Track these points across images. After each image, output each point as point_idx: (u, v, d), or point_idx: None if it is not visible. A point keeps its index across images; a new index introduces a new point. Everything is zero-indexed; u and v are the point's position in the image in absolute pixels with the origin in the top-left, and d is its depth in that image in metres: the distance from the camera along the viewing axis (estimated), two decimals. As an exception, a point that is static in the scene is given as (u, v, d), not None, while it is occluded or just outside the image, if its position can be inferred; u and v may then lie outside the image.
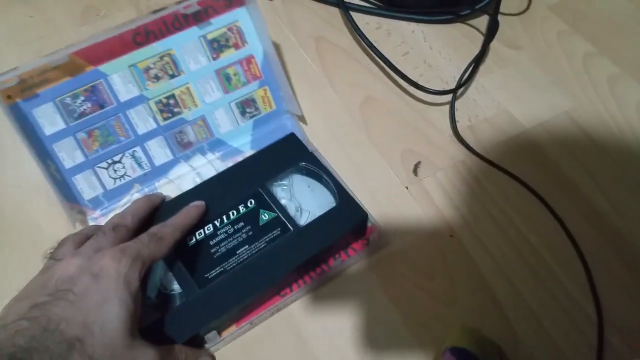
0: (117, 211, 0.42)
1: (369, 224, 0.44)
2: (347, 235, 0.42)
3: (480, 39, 0.57)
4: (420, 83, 0.51)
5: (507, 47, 0.57)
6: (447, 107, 0.52)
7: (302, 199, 0.45)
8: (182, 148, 0.46)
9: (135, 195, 0.45)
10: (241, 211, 0.42)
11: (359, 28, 0.54)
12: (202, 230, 0.41)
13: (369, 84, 0.54)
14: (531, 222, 0.45)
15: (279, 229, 0.42)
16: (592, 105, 0.52)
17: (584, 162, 0.48)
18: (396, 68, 0.52)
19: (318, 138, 0.50)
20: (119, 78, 0.42)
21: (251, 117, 0.48)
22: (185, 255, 0.40)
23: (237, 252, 0.40)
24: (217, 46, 0.45)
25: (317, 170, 0.45)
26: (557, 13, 0.60)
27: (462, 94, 0.53)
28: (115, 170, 0.44)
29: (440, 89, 0.51)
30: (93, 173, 0.44)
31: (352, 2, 0.60)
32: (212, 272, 0.39)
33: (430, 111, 0.52)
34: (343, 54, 0.56)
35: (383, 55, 0.52)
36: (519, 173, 0.47)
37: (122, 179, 0.45)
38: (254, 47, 0.46)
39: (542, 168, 0.48)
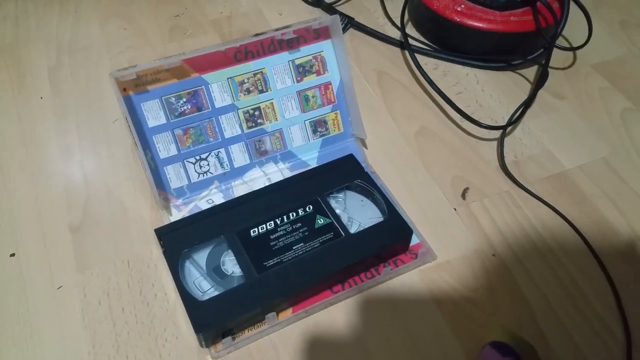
0: (197, 202, 0.48)
1: (418, 241, 0.49)
2: (392, 247, 0.47)
3: (527, 87, 0.63)
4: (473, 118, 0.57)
5: (553, 96, 0.62)
6: (496, 142, 0.57)
7: (354, 212, 0.50)
8: (259, 155, 0.52)
9: (213, 190, 0.51)
10: (300, 214, 0.48)
11: (420, 66, 0.60)
12: (264, 225, 0.47)
13: (424, 116, 0.60)
14: (566, 250, 0.49)
15: (332, 233, 0.47)
16: (627, 154, 0.57)
17: (616, 201, 0.53)
18: (452, 102, 0.58)
19: (377, 160, 0.55)
20: (217, 87, 0.49)
21: (321, 136, 0.54)
22: (249, 244, 0.46)
23: (294, 247, 0.46)
24: (302, 70, 0.51)
25: (370, 188, 0.51)
26: (599, 71, 0.65)
27: (509, 132, 0.59)
28: (201, 166, 0.50)
29: (491, 125, 0.57)
30: (182, 166, 0.49)
31: (414, 44, 0.66)
32: (270, 261, 0.45)
33: (480, 145, 0.57)
34: (402, 88, 0.63)
35: (440, 90, 0.58)
36: (557, 205, 0.52)
37: (205, 174, 0.51)
38: (333, 75, 0.53)
39: (578, 204, 0.53)
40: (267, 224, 0.47)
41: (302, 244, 0.46)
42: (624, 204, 0.53)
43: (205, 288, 0.45)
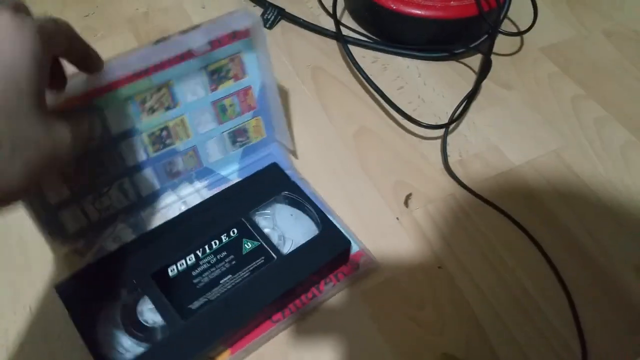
0: (103, 243, 0.43)
1: (357, 249, 0.45)
2: (331, 262, 0.42)
3: (473, 77, 0.59)
4: (414, 117, 0.52)
5: (499, 86, 0.58)
6: (439, 141, 0.53)
7: (286, 228, 0.45)
8: (170, 177, 0.46)
9: (119, 225, 0.44)
10: (224, 241, 0.42)
11: (356, 61, 0.56)
12: (183, 261, 0.41)
13: (363, 115, 0.55)
14: (518, 256, 0.46)
15: (263, 257, 0.42)
16: (580, 146, 0.54)
17: (569, 199, 0.49)
18: (391, 101, 0.53)
19: (312, 166, 0.51)
20: (113, 112, 0.40)
21: (241, 146, 0.48)
22: (167, 286, 0.40)
23: (221, 281, 0.40)
24: (216, 78, 0.44)
25: (300, 199, 0.45)
26: (548, 55, 0.62)
27: (453, 129, 0.54)
28: (101, 202, 0.43)
29: (433, 123, 0.53)
30: (78, 207, 0.42)
31: (349, 35, 0.61)
32: (195, 302, 0.39)
33: (423, 144, 0.53)
34: (339, 84, 0.58)
35: (379, 88, 0.54)
36: (507, 208, 0.48)
37: (107, 209, 0.43)
38: (253, 79, 0.46)
39: (529, 204, 0.49)
40: (187, 258, 0.41)
41: (230, 275, 0.41)
42: (577, 202, 0.49)
43: (126, 346, 0.38)
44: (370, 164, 0.51)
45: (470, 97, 0.55)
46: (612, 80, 0.60)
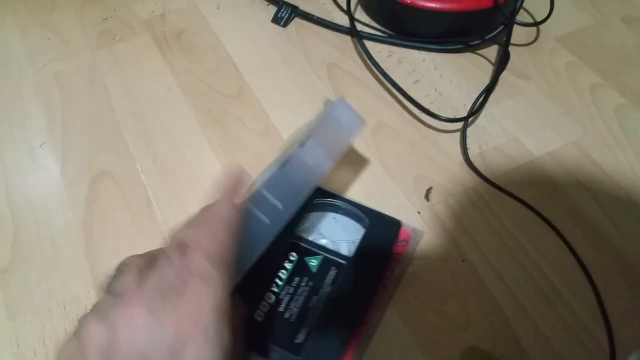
0: None
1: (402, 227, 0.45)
2: (392, 246, 0.43)
3: (489, 68, 0.59)
4: (432, 110, 0.52)
5: (517, 77, 0.58)
6: (458, 134, 0.53)
7: (333, 233, 0.45)
8: None
9: None
10: (288, 268, 0.42)
11: (371, 56, 0.56)
12: (264, 303, 0.40)
13: (380, 111, 0.55)
14: (541, 247, 0.46)
15: (334, 267, 0.42)
16: (600, 135, 0.53)
17: (591, 189, 0.49)
18: (408, 95, 0.53)
19: (331, 162, 0.51)
20: None
21: None
22: (262, 333, 0.39)
23: (310, 305, 0.40)
24: None
25: (332, 202, 0.45)
26: (564, 45, 0.61)
27: (472, 121, 0.54)
28: None
29: (451, 116, 0.52)
30: None
31: (364, 30, 0.61)
32: (300, 335, 0.39)
33: (441, 138, 0.53)
34: (355, 80, 0.58)
35: (395, 82, 0.54)
36: (529, 199, 0.48)
37: None
38: None
39: (550, 195, 0.49)
40: (266, 298, 0.40)
41: (315, 296, 0.40)
42: (599, 192, 0.49)
43: None
44: (389, 159, 0.51)
45: (489, 89, 0.54)
46: (631, 67, 0.59)
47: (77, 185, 0.50)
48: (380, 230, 0.43)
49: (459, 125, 0.53)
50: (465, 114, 0.53)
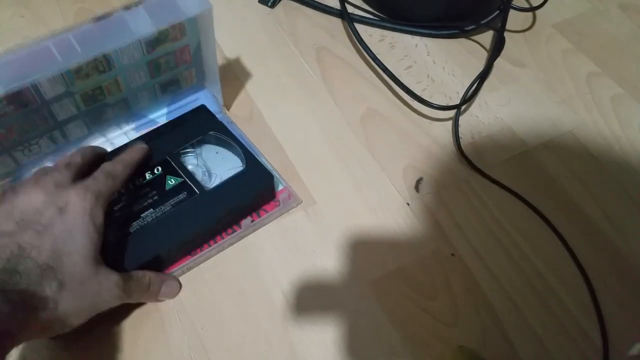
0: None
1: (281, 187, 0.45)
2: (255, 198, 0.44)
3: (483, 55, 0.57)
4: (424, 97, 0.50)
5: (511, 64, 0.56)
6: (450, 122, 0.51)
7: (211, 165, 0.46)
8: (99, 124, 0.46)
9: (47, 164, 0.44)
10: (147, 178, 0.43)
11: (362, 40, 0.53)
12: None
13: (370, 97, 0.53)
14: (534, 241, 0.44)
15: (185, 192, 0.42)
16: (596, 125, 0.51)
17: (586, 181, 0.47)
18: (400, 81, 0.51)
19: (318, 151, 0.49)
20: (48, 82, 0.39)
21: (171, 93, 0.49)
22: None
23: (142, 215, 0.41)
24: (154, 42, 0.43)
25: (225, 138, 0.46)
26: (561, 31, 0.59)
27: (465, 110, 0.52)
28: (30, 150, 0.43)
29: (443, 104, 0.51)
30: (9, 156, 0.42)
31: (355, 13, 0.59)
32: (112, 236, 0.38)
33: (433, 126, 0.51)
34: (345, 65, 0.56)
35: (387, 68, 0.52)
36: (522, 191, 0.47)
37: (36, 155, 0.44)
38: (192, 38, 0.44)
39: (544, 186, 0.47)
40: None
41: (152, 209, 0.41)
42: (594, 184, 0.47)
43: None
44: (378, 147, 0.49)
45: (483, 77, 0.53)
46: (629, 56, 0.57)
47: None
48: (251, 178, 0.44)
49: (452, 113, 0.51)
50: (458, 102, 0.51)
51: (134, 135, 0.47)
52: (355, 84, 0.54)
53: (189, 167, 0.45)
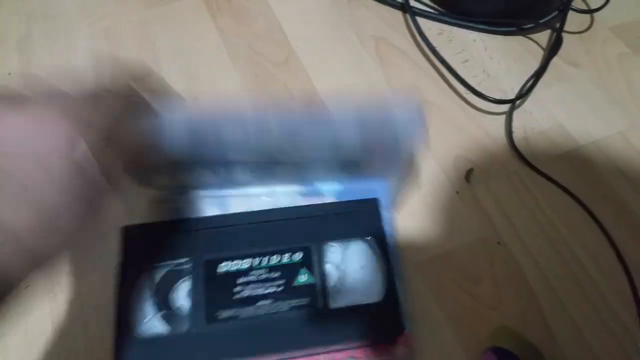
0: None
1: (405, 331, 0.38)
2: (373, 341, 0.37)
3: (539, 53, 0.58)
4: (479, 90, 0.52)
5: (567, 63, 0.57)
6: (504, 117, 0.53)
7: (347, 276, 0.40)
8: (266, 177, 0.42)
9: (205, 198, 0.42)
10: (284, 260, 0.39)
11: (422, 32, 0.55)
12: (239, 261, 0.38)
13: (426, 88, 0.55)
14: (579, 235, 0.46)
15: (309, 299, 0.38)
16: (647, 128, 0.52)
17: (635, 181, 0.49)
18: (456, 73, 0.53)
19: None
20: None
21: (349, 173, 0.43)
22: (212, 280, 0.38)
23: (258, 303, 0.37)
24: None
25: (378, 253, 0.40)
26: (618, 35, 0.60)
27: (519, 105, 0.54)
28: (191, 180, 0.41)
29: (499, 98, 0.52)
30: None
31: (416, 6, 0.61)
32: (225, 312, 0.37)
33: (486, 120, 0.53)
34: (402, 56, 0.57)
35: (444, 59, 0.53)
36: (570, 187, 0.48)
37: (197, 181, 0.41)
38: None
39: (592, 184, 0.48)
40: (241, 261, 0.38)
41: (270, 301, 0.37)
42: (642, 185, 0.48)
43: (146, 317, 0.37)
44: (431, 137, 0.51)
45: (538, 74, 0.54)
46: (686, 62, 0.58)
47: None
48: (381, 320, 0.37)
49: (505, 107, 0.53)
50: (512, 97, 0.52)
51: (299, 200, 0.43)
52: (412, 75, 0.56)
53: (327, 266, 0.39)
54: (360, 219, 0.41)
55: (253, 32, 0.59)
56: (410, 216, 0.46)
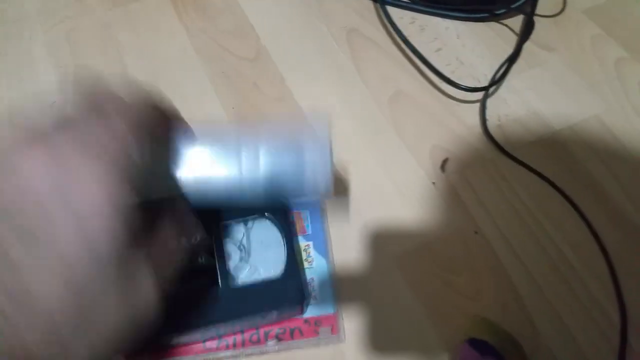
0: None
1: (331, 312, 0.39)
2: (280, 315, 0.38)
3: (513, 39, 0.57)
4: (452, 79, 0.51)
5: (540, 48, 0.56)
6: (478, 105, 0.52)
7: (254, 248, 0.40)
8: None
9: None
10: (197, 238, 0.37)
11: (393, 22, 0.54)
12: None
13: (399, 78, 0.54)
14: (556, 222, 0.45)
15: (210, 279, 0.37)
16: (623, 110, 0.52)
17: (611, 164, 0.48)
18: (429, 63, 0.52)
19: (346, 130, 0.50)
20: None
21: None
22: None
23: None
24: None
25: (280, 227, 0.40)
26: (591, 17, 0.59)
27: (492, 92, 0.53)
28: None
29: (472, 86, 0.51)
30: None
31: (386, -5, 0.60)
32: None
33: (461, 108, 0.52)
34: (374, 47, 0.56)
35: (416, 49, 0.52)
36: (547, 173, 0.47)
37: None
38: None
39: (569, 169, 0.48)
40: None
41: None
42: (619, 168, 0.48)
43: None
44: (406, 127, 0.50)
45: (512, 60, 0.53)
46: (660, 42, 0.57)
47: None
48: (284, 291, 0.37)
49: (479, 95, 0.52)
50: (486, 84, 0.52)
51: None
52: (385, 66, 0.55)
53: (228, 245, 0.39)
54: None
55: (220, 28, 0.58)
56: (386, 208, 0.46)
